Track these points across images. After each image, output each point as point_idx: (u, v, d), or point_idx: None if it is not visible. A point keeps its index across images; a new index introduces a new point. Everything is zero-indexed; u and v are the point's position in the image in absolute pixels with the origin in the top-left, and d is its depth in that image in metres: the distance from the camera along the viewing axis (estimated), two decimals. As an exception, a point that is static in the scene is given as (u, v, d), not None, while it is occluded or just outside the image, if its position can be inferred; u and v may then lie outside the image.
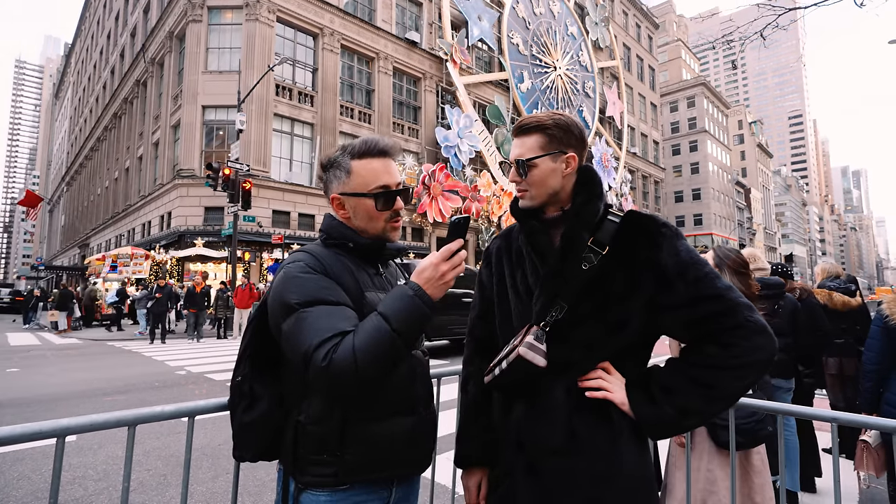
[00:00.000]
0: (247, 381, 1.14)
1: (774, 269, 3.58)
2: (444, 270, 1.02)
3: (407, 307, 0.99)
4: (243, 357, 1.16)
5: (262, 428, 1.11)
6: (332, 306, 1.03)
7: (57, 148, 65.68)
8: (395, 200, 1.18)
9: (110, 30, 35.17)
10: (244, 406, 1.13)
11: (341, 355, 0.94)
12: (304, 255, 1.12)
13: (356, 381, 0.95)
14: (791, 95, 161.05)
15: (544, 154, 1.13)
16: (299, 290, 1.04)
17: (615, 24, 41.22)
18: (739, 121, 77.00)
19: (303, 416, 1.06)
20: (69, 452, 3.77)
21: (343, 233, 1.17)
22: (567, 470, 1.05)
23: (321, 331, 0.97)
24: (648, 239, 1.06)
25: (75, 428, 1.07)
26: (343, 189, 1.18)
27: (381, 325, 0.98)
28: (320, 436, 1.04)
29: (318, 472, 1.05)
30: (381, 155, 1.18)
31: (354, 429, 1.05)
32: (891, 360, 2.38)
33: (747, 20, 6.72)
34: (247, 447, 1.14)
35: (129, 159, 27.11)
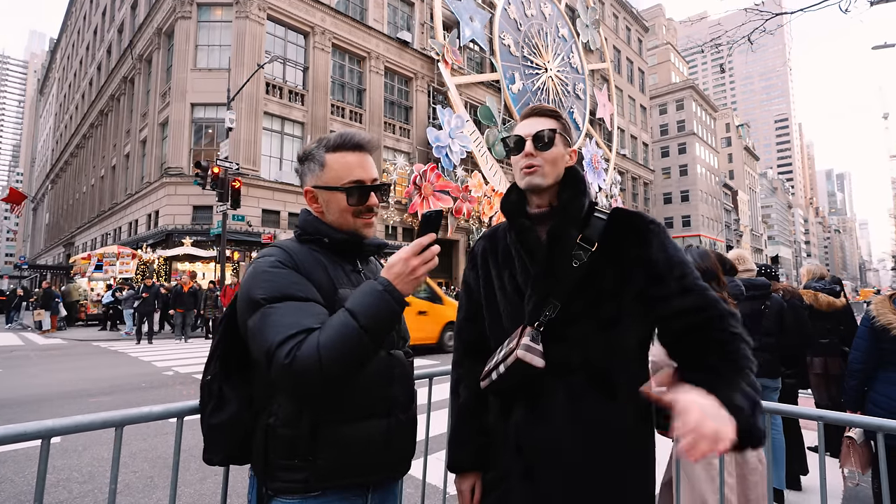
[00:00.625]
0: (216, 380, 1.10)
1: (761, 271, 3.63)
2: (414, 265, 0.99)
3: (375, 303, 0.96)
4: (213, 356, 1.11)
5: (230, 430, 1.07)
6: (300, 302, 0.99)
7: (41, 145, 64.51)
8: (368, 196, 1.14)
9: (97, 25, 34.62)
10: (213, 407, 1.09)
11: (305, 352, 0.91)
12: (275, 249, 1.09)
13: (320, 379, 0.91)
14: (777, 99, 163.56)
15: (562, 135, 1.17)
16: (266, 285, 1.00)
17: (606, 27, 41.54)
18: (727, 124, 78.01)
19: (272, 418, 1.02)
20: (54, 454, 3.71)
21: (318, 228, 1.14)
22: (565, 474, 1.04)
23: (286, 327, 0.94)
24: (637, 235, 1.08)
25: (60, 429, 1.05)
26: (316, 182, 1.15)
27: (347, 322, 0.94)
28: (290, 439, 1.00)
29: (289, 477, 1.00)
30: (357, 149, 1.15)
31: (326, 431, 1.00)
32: (876, 359, 2.43)
33: (735, 24, 6.81)
34: (216, 450, 1.10)
35: (116, 157, 26.71)
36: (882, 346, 2.38)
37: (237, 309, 1.06)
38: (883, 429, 1.35)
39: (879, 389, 2.40)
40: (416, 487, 2.90)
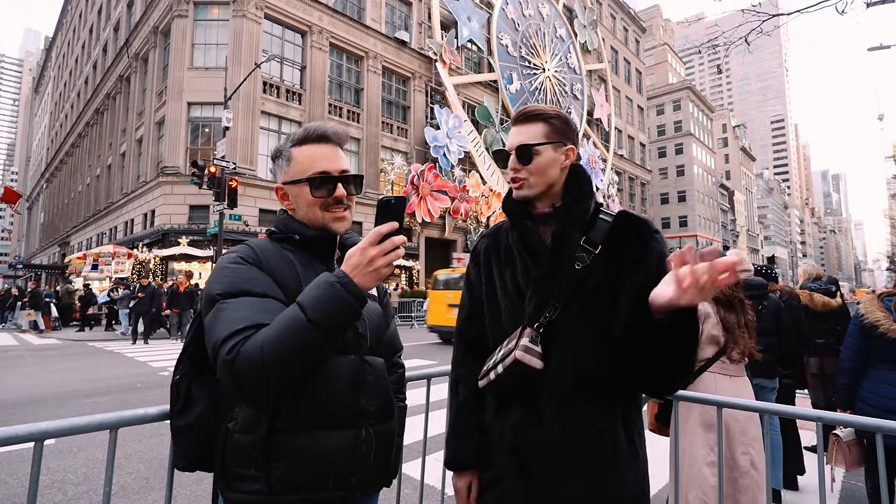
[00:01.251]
0: (185, 380, 1.04)
1: (758, 271, 3.64)
2: (371, 255, 0.91)
3: (326, 295, 0.89)
4: (185, 354, 1.06)
5: (196, 433, 1.01)
6: (257, 298, 0.95)
7: (36, 144, 64.15)
8: (335, 187, 1.08)
9: (93, 24, 34.45)
10: (180, 408, 1.03)
11: (248, 348, 0.86)
12: (240, 246, 1.06)
13: (261, 377, 0.85)
14: (774, 100, 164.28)
15: (547, 142, 1.13)
16: (224, 280, 0.97)
17: (603, 28, 41.61)
18: (724, 124, 78.27)
19: (232, 422, 0.97)
20: (48, 456, 3.68)
21: (289, 225, 1.10)
22: (561, 475, 1.04)
23: (235, 322, 0.89)
24: (639, 242, 1.06)
25: (54, 431, 1.04)
26: (284, 178, 1.12)
27: (295, 316, 0.88)
28: (247, 445, 0.94)
29: (245, 487, 0.94)
30: (321, 140, 1.11)
31: (282, 440, 0.94)
32: (866, 357, 2.46)
33: (732, 25, 6.83)
34: (181, 454, 1.04)
35: (112, 156, 26.58)
36: (871, 344, 2.42)
37: (201, 306, 1.03)
38: (882, 429, 1.35)
39: (868, 387, 2.44)
40: (413, 488, 2.89)
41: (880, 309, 2.41)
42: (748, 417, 2.08)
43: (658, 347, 0.96)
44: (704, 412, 2.00)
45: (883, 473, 1.38)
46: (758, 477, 1.98)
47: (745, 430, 2.05)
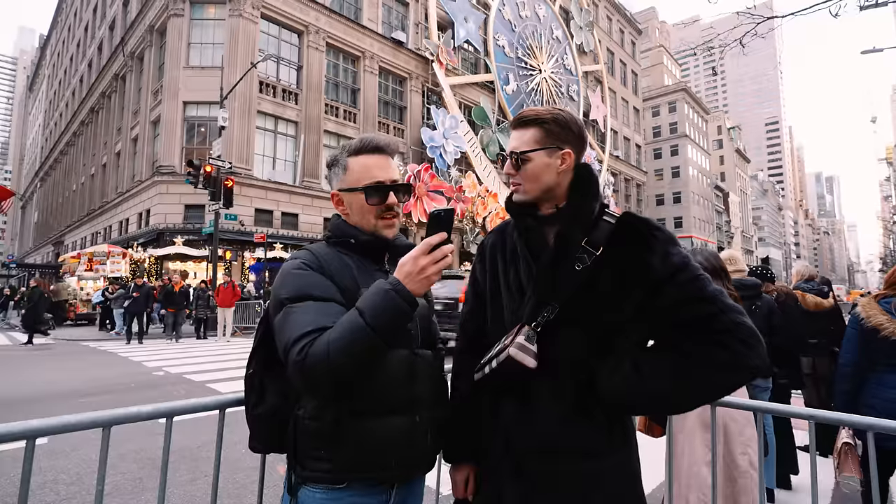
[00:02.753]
0: (257, 374, 1.18)
1: (756, 271, 3.66)
2: (423, 264, 0.99)
3: (382, 302, 0.97)
4: (255, 352, 1.19)
5: (270, 421, 1.14)
6: (320, 302, 1.04)
7: (30, 142, 63.72)
8: (386, 195, 1.18)
9: (88, 22, 34.26)
10: (254, 400, 1.17)
11: (316, 350, 0.95)
12: (303, 252, 1.16)
13: (328, 376, 0.95)
14: (768, 102, 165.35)
15: (539, 148, 1.12)
16: (290, 286, 1.07)
17: (599, 29, 41.75)
18: (719, 126, 78.71)
19: (301, 410, 1.08)
20: (40, 455, 3.64)
21: (345, 230, 1.20)
22: (554, 472, 1.05)
23: (302, 325, 0.99)
24: (641, 242, 1.05)
25: (46, 429, 1.03)
26: (340, 185, 1.21)
27: (355, 320, 0.97)
28: (316, 431, 1.05)
29: (315, 466, 1.05)
30: (376, 151, 1.20)
31: (347, 426, 1.05)
32: (867, 362, 2.38)
33: (727, 28, 6.87)
34: (259, 439, 1.18)
35: (107, 155, 26.44)
36: (872, 348, 2.33)
37: (270, 309, 1.13)
38: (873, 428, 1.36)
39: (871, 392, 2.35)
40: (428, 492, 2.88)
41: (881, 312, 2.33)
42: (746, 417, 2.08)
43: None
44: (703, 412, 2.00)
45: (874, 470, 1.39)
46: (756, 477, 1.99)
47: (743, 431, 2.06)
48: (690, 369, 0.99)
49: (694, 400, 1.05)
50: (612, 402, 1.05)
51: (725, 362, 0.97)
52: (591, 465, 1.04)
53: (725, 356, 0.97)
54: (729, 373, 0.98)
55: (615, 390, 1.03)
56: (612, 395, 1.04)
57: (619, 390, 1.02)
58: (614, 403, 1.05)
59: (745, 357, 0.97)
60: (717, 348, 0.98)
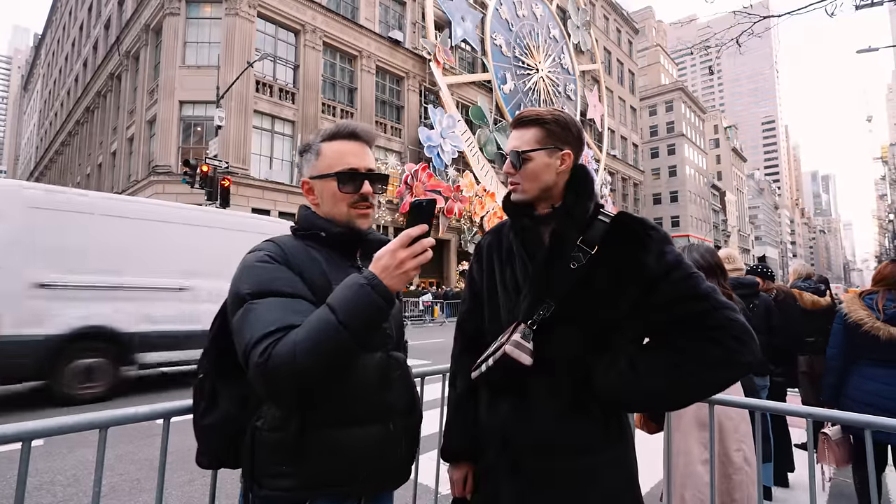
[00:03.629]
0: (208, 379, 1.06)
1: (756, 270, 3.68)
2: (402, 258, 0.91)
3: (357, 297, 0.88)
4: (206, 353, 1.08)
5: (222, 432, 1.03)
6: (286, 298, 0.95)
7: (25, 142, 63.37)
8: (361, 183, 1.10)
9: (83, 21, 34.08)
10: (205, 407, 1.05)
11: (280, 350, 0.85)
12: (266, 243, 1.05)
13: (294, 380, 0.86)
14: (764, 101, 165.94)
15: (540, 148, 1.13)
16: (252, 280, 0.97)
17: (596, 29, 41.80)
18: (715, 125, 78.95)
19: (260, 420, 0.98)
20: (36, 457, 3.62)
21: (313, 222, 1.10)
22: (551, 469, 1.06)
23: (266, 323, 0.89)
24: (636, 241, 1.06)
25: (42, 431, 1.02)
26: (312, 172, 1.13)
27: (326, 318, 0.87)
28: (277, 443, 0.95)
29: (275, 485, 0.96)
30: (351, 137, 1.13)
31: (314, 436, 0.96)
32: (850, 356, 2.52)
33: (724, 27, 6.89)
34: (207, 452, 1.07)
35: (103, 155, 26.32)
36: (855, 342, 2.47)
37: (227, 304, 1.02)
38: (871, 426, 1.36)
39: (852, 383, 2.49)
40: (406, 488, 2.89)
41: (863, 308, 2.47)
42: (740, 414, 2.09)
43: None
44: (699, 411, 2.01)
45: (872, 468, 1.40)
46: (751, 472, 2.00)
47: (737, 427, 2.07)
48: (684, 366, 1.00)
49: (689, 396, 1.07)
50: (608, 399, 1.06)
51: (719, 358, 0.98)
52: (587, 460, 1.05)
53: (719, 352, 0.98)
54: (723, 369, 0.99)
55: (611, 387, 1.04)
56: (608, 392, 1.04)
57: (614, 387, 1.03)
58: (610, 400, 1.06)
59: (739, 353, 0.98)
60: (711, 345, 0.99)
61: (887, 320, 2.37)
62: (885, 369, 2.38)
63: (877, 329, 2.37)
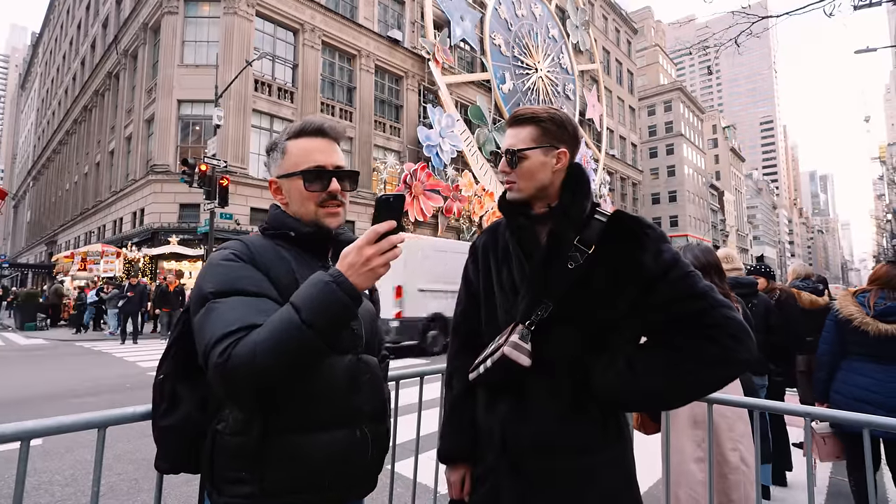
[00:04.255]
0: (169, 380, 1.02)
1: (758, 270, 3.68)
2: (368, 255, 0.88)
3: (320, 295, 0.85)
4: (168, 354, 1.04)
5: (181, 434, 0.99)
6: (250, 297, 0.92)
7: (23, 141, 63.17)
8: (329, 181, 1.07)
9: (80, 20, 33.97)
10: (164, 408, 1.01)
11: (240, 351, 0.83)
12: (233, 242, 1.03)
13: (253, 381, 0.83)
14: (763, 101, 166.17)
15: (536, 146, 1.12)
16: (216, 278, 0.94)
17: (595, 28, 41.80)
18: (714, 125, 79.00)
19: (221, 424, 0.95)
20: (34, 457, 3.62)
21: (283, 221, 1.08)
22: (551, 469, 1.05)
23: (227, 323, 0.87)
24: (633, 240, 1.06)
25: (41, 430, 1.02)
26: (278, 171, 1.10)
27: (289, 317, 0.85)
28: (239, 448, 0.92)
29: (235, 491, 0.92)
30: (317, 134, 1.09)
31: (276, 442, 0.92)
32: (841, 351, 2.58)
33: (722, 27, 6.90)
34: (165, 456, 1.02)
35: (100, 154, 26.24)
36: (846, 338, 2.54)
37: (190, 304, 1.00)
38: (870, 425, 1.37)
39: (840, 377, 2.56)
40: (406, 487, 2.89)
41: (854, 304, 2.53)
42: (736, 414, 2.09)
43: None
44: (692, 409, 2.01)
45: (870, 467, 1.40)
46: (749, 472, 1.99)
47: (733, 427, 2.07)
48: (682, 364, 1.00)
49: (687, 395, 1.07)
50: (607, 399, 1.06)
51: (716, 357, 0.99)
52: (586, 460, 1.05)
53: (716, 351, 0.98)
54: (720, 367, 1.00)
55: (609, 387, 1.04)
56: (607, 392, 1.04)
57: (613, 387, 1.03)
58: (608, 400, 1.06)
59: (735, 351, 0.98)
60: (708, 343, 0.99)
61: (877, 316, 2.43)
62: (874, 364, 2.44)
63: (866, 325, 2.43)
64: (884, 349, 2.40)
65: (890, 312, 2.40)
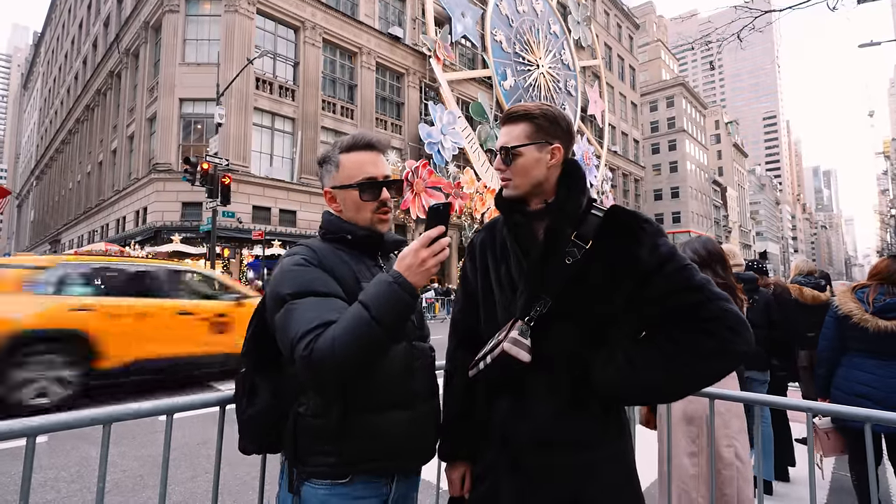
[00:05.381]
0: (249, 375, 1.17)
1: (749, 266, 3.68)
2: (423, 257, 1.00)
3: (385, 294, 0.98)
4: (246, 352, 1.18)
5: (263, 421, 1.14)
6: (322, 298, 1.04)
7: (26, 140, 63.37)
8: (380, 191, 1.20)
9: (82, 19, 34.02)
10: (246, 401, 1.16)
11: (322, 344, 0.95)
12: (301, 248, 1.15)
13: (335, 371, 0.95)
14: (766, 97, 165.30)
15: (530, 143, 1.13)
16: (291, 282, 1.06)
17: (597, 24, 41.63)
18: (716, 121, 78.70)
19: (303, 407, 1.08)
20: (39, 454, 3.65)
21: (340, 226, 1.20)
22: (550, 465, 1.06)
23: (307, 321, 0.99)
24: (630, 234, 1.07)
25: (46, 427, 1.03)
26: (333, 183, 1.22)
27: (360, 314, 0.97)
28: (320, 428, 1.06)
29: (319, 461, 1.06)
30: (367, 148, 1.21)
31: (353, 420, 1.06)
32: (841, 347, 2.59)
33: (725, 22, 6.86)
34: (251, 440, 1.17)
35: (103, 153, 26.32)
36: (846, 334, 2.55)
37: (266, 305, 1.12)
38: (871, 419, 1.37)
39: (841, 373, 2.56)
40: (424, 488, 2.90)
41: (853, 300, 2.53)
42: (730, 410, 2.09)
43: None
44: (686, 405, 2.02)
45: (871, 462, 1.40)
46: (743, 468, 2.00)
47: (728, 423, 2.07)
48: (679, 357, 1.01)
49: (685, 388, 1.08)
50: (607, 394, 1.06)
51: (713, 349, 0.99)
52: (586, 456, 1.06)
53: (713, 343, 0.99)
54: (717, 359, 1.00)
55: (609, 381, 1.04)
56: (607, 387, 1.05)
57: (612, 381, 1.04)
58: (609, 395, 1.07)
59: (733, 343, 0.99)
60: (705, 336, 1.00)
61: (876, 312, 2.43)
62: (874, 360, 2.44)
63: (865, 321, 2.43)
64: (883, 345, 2.40)
65: (889, 309, 2.40)
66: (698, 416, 1.98)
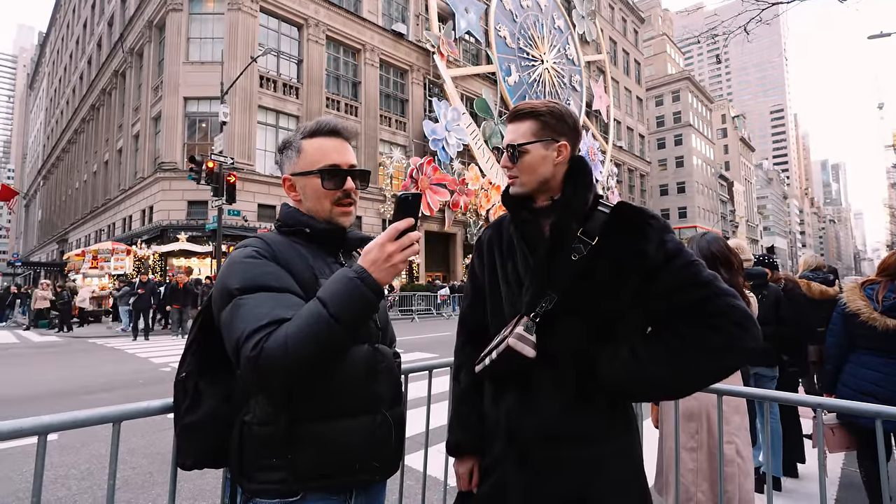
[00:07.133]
0: (192, 377, 1.04)
1: (759, 260, 3.65)
2: (390, 251, 0.93)
3: (347, 291, 0.90)
4: (188, 351, 1.07)
5: (206, 430, 1.02)
6: (275, 293, 0.95)
7: (32, 140, 63.85)
8: (344, 179, 1.11)
9: (86, 18, 34.16)
10: (188, 405, 1.03)
11: (272, 344, 0.86)
12: (253, 240, 1.06)
13: (286, 373, 0.87)
14: (773, 90, 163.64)
15: (536, 140, 1.13)
16: (241, 275, 0.97)
17: (601, 18, 41.33)
18: (723, 115, 78.01)
19: (249, 415, 0.98)
20: (51, 451, 3.69)
21: (298, 219, 1.11)
22: (557, 459, 1.06)
23: (256, 318, 0.89)
24: (636, 231, 1.07)
25: (57, 425, 1.04)
26: (294, 169, 1.13)
27: (317, 311, 0.89)
28: (267, 437, 0.95)
29: (265, 478, 0.95)
30: (332, 134, 1.13)
31: (304, 429, 0.95)
32: (848, 344, 2.59)
33: (731, 14, 6.79)
34: (188, 452, 1.04)
35: (109, 152, 26.47)
36: (853, 331, 2.54)
37: (212, 301, 1.02)
38: (881, 415, 1.36)
39: (848, 370, 2.56)
40: (416, 480, 2.91)
41: (861, 298, 2.52)
42: (731, 407, 2.08)
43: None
44: (686, 402, 2.03)
45: (882, 458, 1.39)
46: (743, 465, 2.00)
47: (729, 420, 2.07)
48: (686, 353, 1.00)
49: (691, 384, 1.07)
50: (613, 389, 1.06)
51: (720, 345, 0.99)
52: (592, 450, 1.06)
53: (719, 339, 0.98)
54: (724, 355, 1.00)
55: (615, 376, 1.04)
56: (613, 382, 1.05)
57: (618, 376, 1.04)
58: (615, 390, 1.06)
59: (740, 339, 0.98)
60: (711, 332, 0.99)
61: (885, 311, 2.41)
62: (882, 358, 2.43)
63: (874, 320, 2.42)
64: (891, 344, 2.39)
65: None
66: (697, 412, 2.00)
